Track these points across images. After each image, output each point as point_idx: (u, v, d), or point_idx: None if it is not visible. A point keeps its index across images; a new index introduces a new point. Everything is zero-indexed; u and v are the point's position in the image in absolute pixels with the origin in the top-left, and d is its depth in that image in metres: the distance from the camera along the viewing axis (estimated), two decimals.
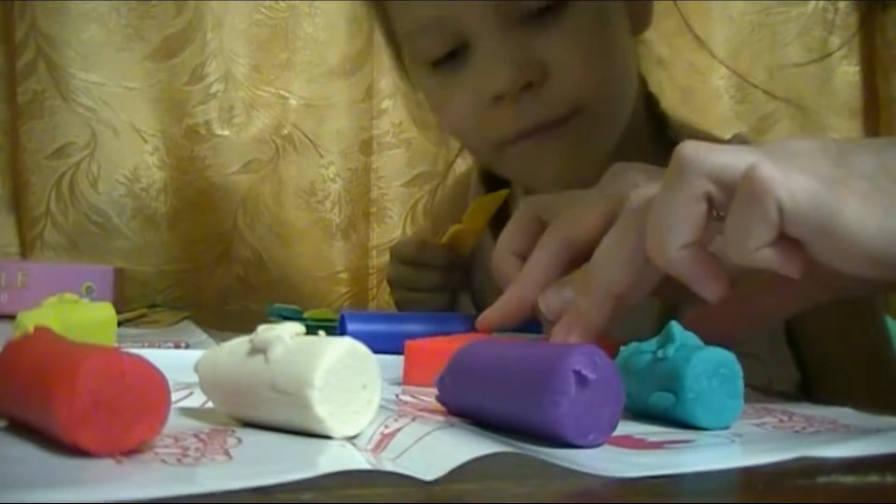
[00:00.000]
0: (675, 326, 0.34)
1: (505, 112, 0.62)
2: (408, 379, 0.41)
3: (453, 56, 0.63)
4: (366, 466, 0.24)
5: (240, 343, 0.30)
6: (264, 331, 0.29)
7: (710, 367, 0.32)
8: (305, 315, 0.68)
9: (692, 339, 0.34)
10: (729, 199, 0.34)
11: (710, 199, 0.35)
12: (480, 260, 0.80)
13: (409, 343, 0.42)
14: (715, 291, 0.36)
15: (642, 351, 0.34)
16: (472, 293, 0.83)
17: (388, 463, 0.25)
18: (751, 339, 0.41)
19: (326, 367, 0.27)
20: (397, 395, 0.37)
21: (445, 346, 0.37)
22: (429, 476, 0.23)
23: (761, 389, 0.41)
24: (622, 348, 0.35)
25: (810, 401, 0.38)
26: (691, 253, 0.35)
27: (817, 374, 0.66)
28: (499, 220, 0.75)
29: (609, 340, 0.38)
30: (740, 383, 0.33)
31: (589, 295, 0.39)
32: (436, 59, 0.64)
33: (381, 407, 0.29)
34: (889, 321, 0.69)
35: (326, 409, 0.27)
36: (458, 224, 0.75)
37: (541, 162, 0.65)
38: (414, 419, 0.29)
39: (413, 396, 0.37)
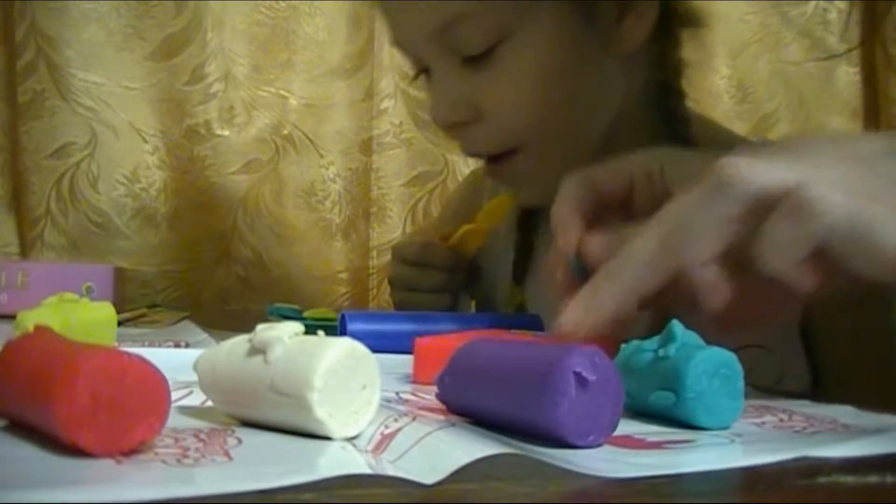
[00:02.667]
0: (677, 325, 0.34)
1: (456, 137, 0.66)
2: (417, 376, 0.41)
3: (427, 71, 0.66)
4: (366, 470, 0.23)
5: (239, 342, 0.30)
6: (263, 330, 0.29)
7: (710, 367, 0.32)
8: (305, 314, 0.68)
9: (693, 338, 0.34)
10: (763, 214, 0.35)
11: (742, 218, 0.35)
12: (490, 262, 0.80)
13: (418, 340, 0.42)
14: (719, 303, 0.36)
15: (643, 349, 0.34)
16: (473, 295, 0.83)
17: (388, 465, 0.25)
18: (761, 331, 0.41)
19: (326, 368, 0.27)
20: (398, 394, 0.37)
21: (455, 344, 0.37)
22: (429, 480, 0.23)
23: (762, 388, 0.41)
24: (623, 346, 0.35)
25: (811, 399, 0.38)
26: (711, 268, 0.36)
27: (830, 372, 0.65)
28: (520, 222, 0.76)
29: (606, 337, 0.38)
30: (741, 383, 0.33)
31: (613, 282, 0.38)
32: (417, 71, 0.68)
33: (382, 406, 0.29)
34: None
35: (326, 411, 0.27)
36: (469, 224, 0.75)
37: (504, 183, 0.71)
38: (414, 419, 0.29)
39: (413, 394, 0.37)
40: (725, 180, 0.35)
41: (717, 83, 1.27)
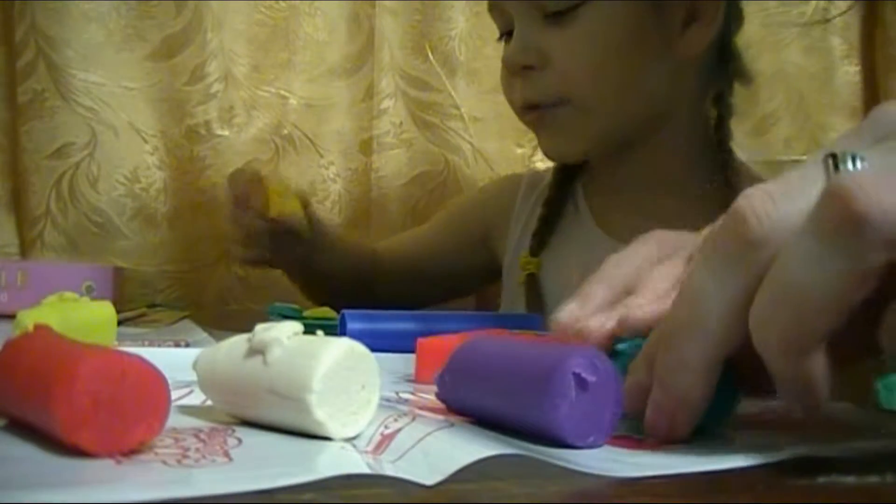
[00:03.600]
0: None
1: (515, 84, 0.76)
2: (419, 376, 0.41)
3: (511, 34, 0.76)
4: (366, 471, 0.23)
5: (237, 343, 0.30)
6: (262, 331, 0.29)
7: None
8: (305, 314, 0.68)
9: None
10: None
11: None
12: (507, 230, 0.88)
13: (420, 340, 0.42)
14: (816, 410, 0.27)
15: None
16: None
17: (388, 466, 0.25)
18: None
19: (325, 370, 0.27)
20: (397, 393, 0.37)
21: (457, 344, 0.37)
22: (429, 480, 0.23)
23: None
24: (619, 346, 0.35)
25: None
26: (821, 357, 0.26)
27: None
28: (549, 199, 0.84)
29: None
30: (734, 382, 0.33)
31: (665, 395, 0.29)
32: (502, 34, 0.80)
33: (381, 405, 0.29)
34: None
35: (326, 412, 0.27)
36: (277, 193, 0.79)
37: (539, 136, 0.79)
38: (414, 419, 0.29)
39: (413, 394, 0.37)
40: (856, 217, 0.24)
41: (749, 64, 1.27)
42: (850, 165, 0.27)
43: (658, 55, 0.73)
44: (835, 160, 0.27)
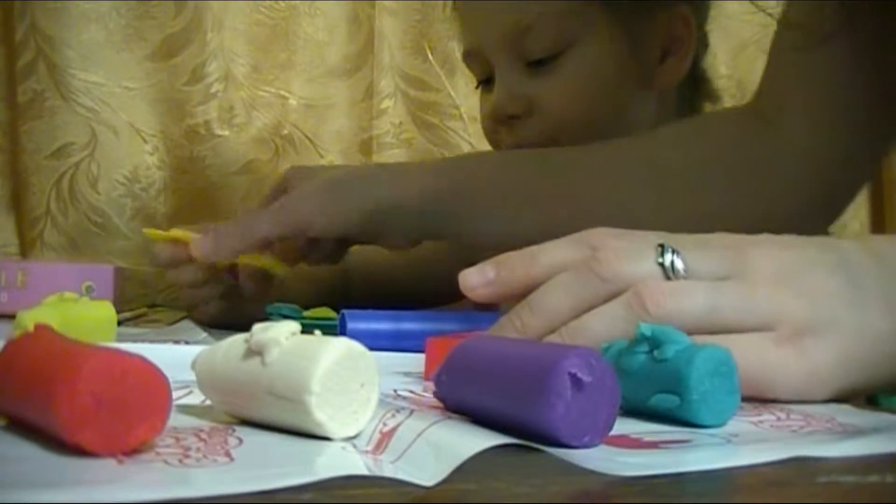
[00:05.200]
0: (646, 327, 0.34)
1: (500, 130, 0.77)
2: (428, 375, 0.42)
3: (489, 81, 0.78)
4: (365, 472, 0.24)
5: (235, 343, 0.30)
6: (260, 331, 0.29)
7: (711, 367, 0.32)
8: (305, 314, 0.68)
9: (678, 335, 0.33)
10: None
11: None
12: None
13: (430, 339, 0.42)
14: None
15: (635, 352, 0.34)
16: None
17: (387, 466, 0.25)
18: None
19: (323, 371, 0.27)
20: (395, 391, 0.37)
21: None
22: (429, 481, 0.23)
23: None
24: (604, 347, 0.35)
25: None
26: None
27: None
28: None
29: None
30: (736, 379, 0.33)
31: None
32: (479, 81, 0.81)
33: (380, 403, 0.29)
34: None
35: (325, 413, 0.27)
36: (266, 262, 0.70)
37: None
38: (411, 413, 0.29)
39: (412, 392, 0.37)
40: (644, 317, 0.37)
41: (716, 83, 1.27)
42: (668, 257, 0.39)
43: (639, 90, 0.77)
44: (661, 249, 0.39)
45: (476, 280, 0.43)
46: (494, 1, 0.76)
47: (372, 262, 0.96)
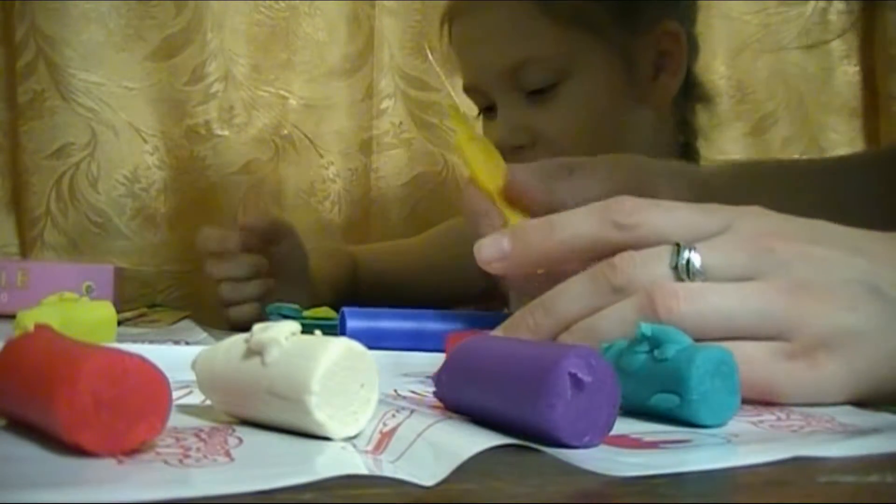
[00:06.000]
0: (645, 326, 0.33)
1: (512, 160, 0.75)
2: None
3: (491, 109, 0.81)
4: (365, 472, 0.24)
5: (235, 343, 0.30)
6: (260, 331, 0.29)
7: (712, 367, 0.32)
8: (305, 314, 0.68)
9: (678, 335, 0.33)
10: None
11: None
12: None
13: (451, 336, 0.42)
14: None
15: (635, 351, 0.34)
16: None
17: (388, 466, 0.25)
18: None
19: (323, 371, 0.27)
20: (396, 391, 0.37)
21: None
22: (429, 481, 0.23)
23: None
24: (604, 346, 0.35)
25: None
26: None
27: None
28: None
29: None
30: (737, 378, 0.33)
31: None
32: (481, 110, 0.83)
33: (380, 402, 0.29)
34: None
35: (325, 413, 0.27)
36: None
37: None
38: (411, 413, 0.29)
39: (412, 392, 0.37)
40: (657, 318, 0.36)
41: (716, 83, 1.27)
42: (684, 256, 0.38)
43: (636, 108, 0.80)
44: (677, 249, 0.38)
45: (491, 253, 0.42)
46: (488, 41, 0.79)
47: (381, 260, 0.96)
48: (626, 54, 0.78)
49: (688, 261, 0.38)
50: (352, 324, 0.53)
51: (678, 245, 0.38)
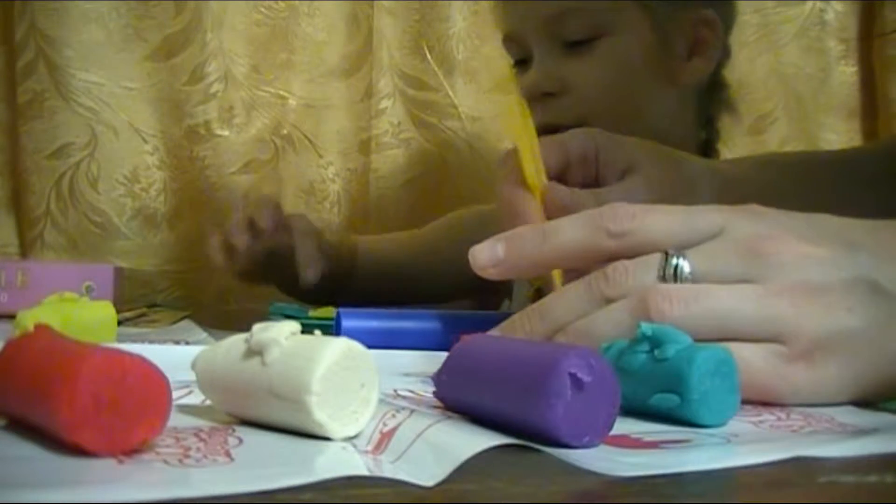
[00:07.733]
0: (645, 326, 0.33)
1: (534, 109, 0.75)
2: None
3: (524, 62, 0.83)
4: (365, 472, 0.24)
5: (235, 343, 0.30)
6: (260, 331, 0.29)
7: (712, 367, 0.32)
8: (310, 314, 0.68)
9: (678, 335, 0.33)
10: None
11: None
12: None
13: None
14: None
15: (635, 351, 0.34)
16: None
17: (387, 466, 0.25)
18: None
19: (323, 371, 0.27)
20: (396, 391, 0.37)
21: None
22: (428, 482, 0.23)
23: None
24: (603, 346, 0.35)
25: None
26: None
27: None
28: None
29: None
30: (737, 378, 0.33)
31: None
32: (515, 62, 0.85)
33: (380, 402, 0.29)
34: None
35: (326, 413, 0.27)
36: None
37: None
38: (411, 414, 0.29)
39: (412, 391, 0.37)
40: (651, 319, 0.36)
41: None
42: (672, 264, 0.38)
43: (664, 83, 0.82)
44: (665, 257, 0.38)
45: (486, 259, 0.43)
46: None
47: (381, 248, 0.97)
48: (664, 28, 0.81)
49: (676, 268, 0.38)
50: (347, 323, 0.53)
51: (666, 253, 0.38)
